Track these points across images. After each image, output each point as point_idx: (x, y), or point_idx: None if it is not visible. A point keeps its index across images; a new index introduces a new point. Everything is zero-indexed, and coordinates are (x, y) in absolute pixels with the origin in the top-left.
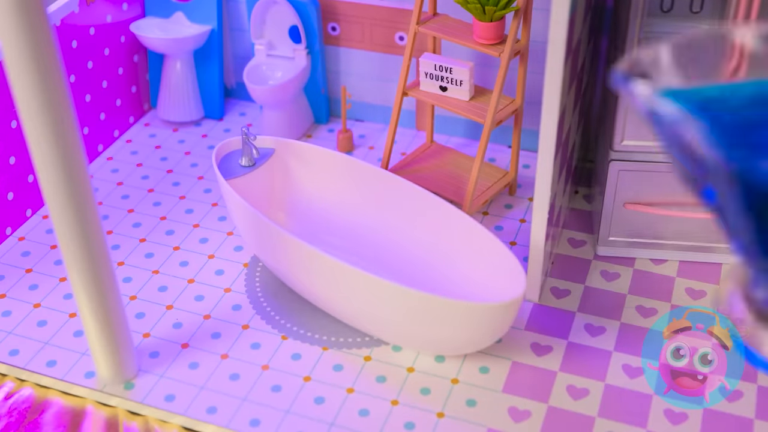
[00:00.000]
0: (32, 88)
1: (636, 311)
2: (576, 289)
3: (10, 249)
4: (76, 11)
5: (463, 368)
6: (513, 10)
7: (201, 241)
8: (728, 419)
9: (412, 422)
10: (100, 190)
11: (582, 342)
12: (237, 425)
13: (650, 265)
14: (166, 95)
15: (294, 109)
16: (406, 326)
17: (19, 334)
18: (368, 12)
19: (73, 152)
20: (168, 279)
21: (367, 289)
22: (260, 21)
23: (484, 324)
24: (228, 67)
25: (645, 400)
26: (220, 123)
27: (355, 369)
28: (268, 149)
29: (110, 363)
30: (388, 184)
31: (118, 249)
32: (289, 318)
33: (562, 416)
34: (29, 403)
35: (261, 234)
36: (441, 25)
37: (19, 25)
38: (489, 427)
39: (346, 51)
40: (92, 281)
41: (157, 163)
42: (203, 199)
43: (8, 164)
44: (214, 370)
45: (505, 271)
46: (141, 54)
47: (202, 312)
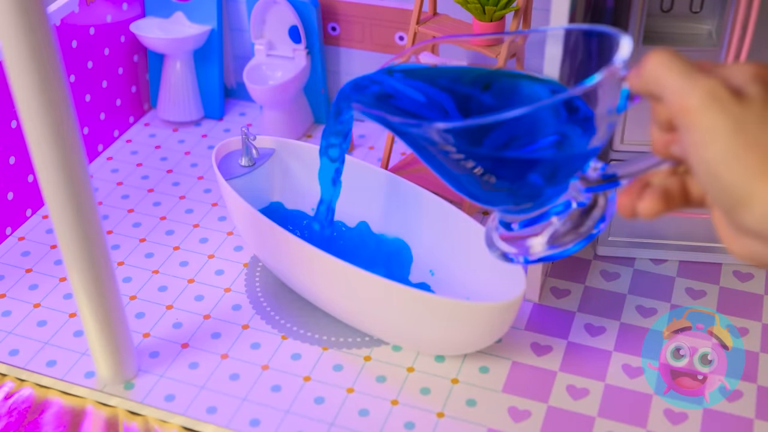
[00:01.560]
0: (32, 88)
1: (635, 310)
2: (576, 289)
3: (10, 249)
4: (76, 11)
5: (463, 368)
6: (513, 10)
7: (201, 241)
8: (728, 419)
9: (412, 422)
10: (100, 190)
11: (582, 342)
12: (237, 425)
13: (650, 265)
14: (166, 95)
15: (294, 109)
16: (406, 326)
17: (19, 334)
18: (368, 12)
19: (73, 152)
20: (168, 279)
21: (367, 289)
22: (260, 21)
23: (484, 324)
24: (228, 67)
25: (645, 400)
26: (220, 123)
27: (355, 369)
28: (268, 149)
29: (110, 363)
30: (388, 184)
31: (118, 249)
32: (289, 318)
33: (562, 416)
34: (29, 403)
35: (261, 234)
36: (441, 25)
37: (19, 25)
38: (489, 427)
39: (346, 51)
40: (92, 281)
41: (157, 163)
42: (203, 199)
43: (8, 164)
44: (214, 370)
45: (505, 271)
46: (141, 54)
47: (202, 312)
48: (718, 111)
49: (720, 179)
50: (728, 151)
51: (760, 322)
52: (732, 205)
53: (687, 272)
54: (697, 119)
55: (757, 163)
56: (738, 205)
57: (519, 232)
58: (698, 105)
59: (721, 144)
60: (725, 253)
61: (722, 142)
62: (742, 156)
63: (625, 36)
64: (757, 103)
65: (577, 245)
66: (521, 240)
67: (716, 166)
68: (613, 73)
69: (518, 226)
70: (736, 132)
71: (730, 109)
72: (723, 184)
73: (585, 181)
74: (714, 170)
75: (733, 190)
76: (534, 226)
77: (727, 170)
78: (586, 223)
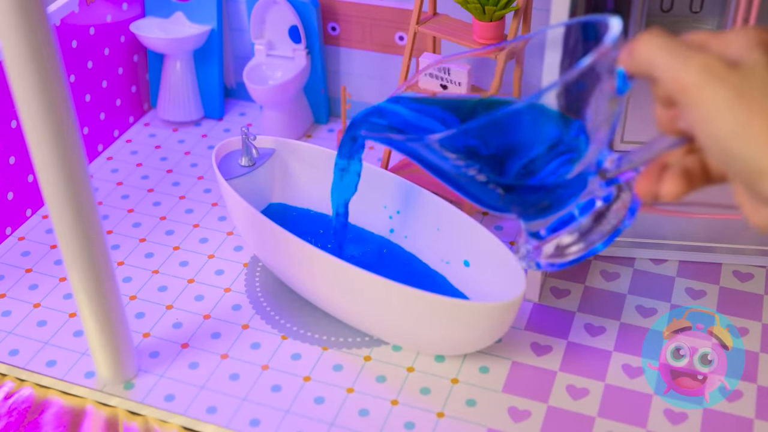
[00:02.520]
0: (32, 88)
1: (635, 310)
2: (576, 289)
3: (10, 249)
4: (76, 11)
5: (463, 368)
6: (513, 10)
7: (201, 241)
8: (728, 419)
9: (412, 422)
10: (100, 190)
11: (582, 342)
12: (237, 425)
13: (650, 265)
14: (166, 95)
15: (294, 109)
16: (406, 326)
17: (19, 334)
18: (368, 12)
19: (73, 152)
20: (168, 279)
21: (367, 288)
22: (260, 21)
23: (484, 324)
24: (228, 67)
25: (645, 400)
26: (220, 123)
27: (355, 369)
28: (268, 149)
29: (110, 363)
30: (388, 184)
31: (118, 249)
32: (289, 318)
33: (562, 416)
34: (29, 403)
35: (261, 234)
36: (441, 25)
37: (19, 25)
38: (489, 427)
39: (346, 51)
40: (92, 281)
41: (157, 163)
42: (203, 199)
43: (8, 164)
44: (214, 370)
45: (505, 271)
46: (141, 54)
47: (202, 312)
48: (716, 84)
49: (732, 153)
50: (735, 124)
51: (760, 322)
52: (750, 177)
53: (687, 272)
54: (697, 96)
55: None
56: (757, 176)
57: (548, 237)
58: (695, 82)
59: (725, 117)
60: (725, 253)
61: (726, 115)
62: (749, 126)
63: (614, 17)
64: (759, 69)
65: (606, 241)
66: (551, 245)
67: (725, 140)
68: (604, 53)
69: (546, 232)
70: (738, 102)
71: (729, 80)
72: (736, 158)
73: (603, 175)
74: (724, 145)
75: (749, 162)
76: (561, 230)
77: (737, 143)
78: (612, 218)
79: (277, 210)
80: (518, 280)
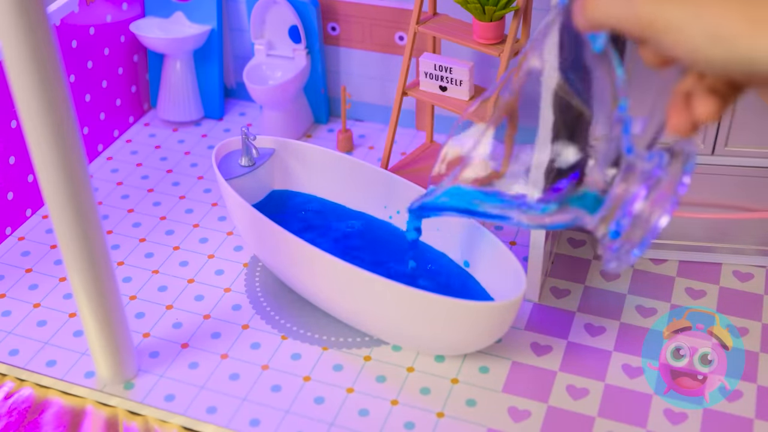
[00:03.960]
0: (32, 88)
1: (635, 310)
2: (576, 289)
3: (10, 249)
4: (76, 11)
5: (463, 368)
6: (513, 9)
7: (201, 241)
8: (728, 419)
9: (412, 422)
10: (100, 190)
11: (582, 342)
12: (237, 425)
13: (650, 265)
14: (166, 95)
15: (294, 109)
16: (406, 326)
17: (19, 334)
18: (368, 12)
19: (73, 152)
20: (168, 279)
21: (367, 288)
22: (260, 21)
23: (484, 324)
24: (228, 67)
25: (645, 400)
26: (219, 123)
27: (355, 369)
28: (268, 149)
29: (110, 363)
30: (388, 184)
31: (118, 249)
32: (289, 318)
33: (562, 416)
34: (29, 402)
35: (261, 234)
36: (441, 25)
37: (19, 25)
38: (489, 427)
39: (346, 51)
40: (92, 281)
41: (156, 163)
42: (203, 199)
43: (8, 164)
44: (214, 370)
45: (505, 271)
46: (141, 54)
47: (202, 312)
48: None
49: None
50: (707, 28)
51: (760, 322)
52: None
53: (687, 272)
54: (659, 26)
55: (743, 16)
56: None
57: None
58: (649, 15)
59: (694, 28)
60: (725, 253)
61: (694, 25)
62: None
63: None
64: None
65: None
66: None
67: (707, 50)
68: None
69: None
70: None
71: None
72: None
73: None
74: (710, 55)
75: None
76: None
77: (721, 47)
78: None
79: (280, 196)
80: (518, 280)
